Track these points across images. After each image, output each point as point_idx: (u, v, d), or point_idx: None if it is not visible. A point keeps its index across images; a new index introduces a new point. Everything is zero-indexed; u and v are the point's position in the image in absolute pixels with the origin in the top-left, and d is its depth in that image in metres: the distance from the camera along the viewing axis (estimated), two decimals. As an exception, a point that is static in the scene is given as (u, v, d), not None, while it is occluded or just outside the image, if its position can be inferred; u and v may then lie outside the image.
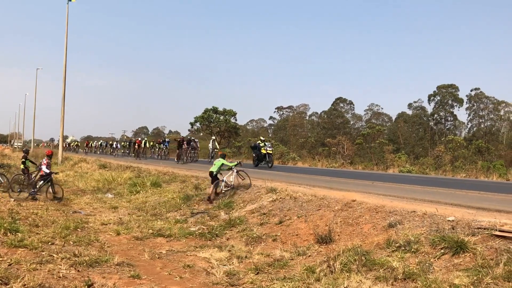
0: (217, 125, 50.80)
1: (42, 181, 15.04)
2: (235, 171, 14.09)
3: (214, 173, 13.78)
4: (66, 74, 34.11)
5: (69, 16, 33.91)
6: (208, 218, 11.41)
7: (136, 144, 34.83)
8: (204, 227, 10.44)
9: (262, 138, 24.45)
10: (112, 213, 12.95)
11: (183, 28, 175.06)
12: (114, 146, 46.37)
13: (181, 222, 11.29)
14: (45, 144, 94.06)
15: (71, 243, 8.47)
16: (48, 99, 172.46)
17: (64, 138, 56.49)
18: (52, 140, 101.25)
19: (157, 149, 35.20)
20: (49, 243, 8.27)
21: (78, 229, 10.02)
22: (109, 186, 19.64)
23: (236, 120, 52.93)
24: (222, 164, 14.13)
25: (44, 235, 8.95)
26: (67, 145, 68.99)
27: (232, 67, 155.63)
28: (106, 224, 10.96)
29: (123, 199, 16.19)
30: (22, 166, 17.03)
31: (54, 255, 7.15)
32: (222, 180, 13.92)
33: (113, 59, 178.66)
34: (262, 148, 22.70)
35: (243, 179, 13.98)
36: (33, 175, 16.67)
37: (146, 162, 28.91)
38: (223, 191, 13.72)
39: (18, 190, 15.35)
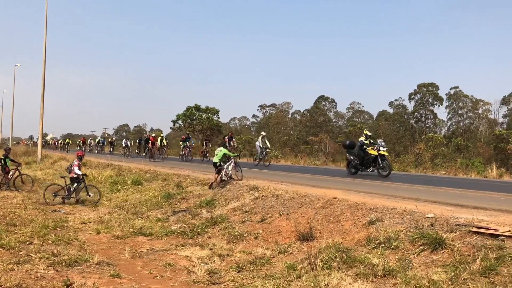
0: (200, 123, 50.61)
1: (75, 184, 14.55)
2: (233, 161, 14.35)
3: (218, 163, 14.24)
4: (46, 71, 33.60)
5: (48, 13, 33.30)
6: (189, 216, 11.36)
7: (150, 141, 28.92)
8: (185, 225, 10.39)
9: (367, 132, 16.56)
10: (92, 212, 12.79)
11: (163, 25, 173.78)
12: (124, 144, 36.39)
13: (162, 220, 11.21)
14: (25, 142, 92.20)
15: (50, 242, 8.34)
16: (27, 96, 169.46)
17: (44, 135, 55.61)
18: (31, 137, 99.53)
19: (182, 147, 28.77)
20: (27, 243, 8.14)
21: (57, 228, 9.87)
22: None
23: (218, 118, 52.85)
24: (224, 153, 14.45)
25: (22, 234, 8.81)
26: (55, 143, 64.13)
27: (215, 65, 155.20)
28: (86, 223, 10.82)
29: (103, 197, 15.99)
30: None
31: (32, 254, 7.04)
32: (231, 163, 14.29)
33: (94, 56, 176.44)
34: (370, 148, 15.54)
35: (237, 171, 14.35)
36: (10, 174, 16.44)
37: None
38: (223, 179, 13.94)
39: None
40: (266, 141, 22.45)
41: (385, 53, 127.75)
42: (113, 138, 49.10)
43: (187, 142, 28.39)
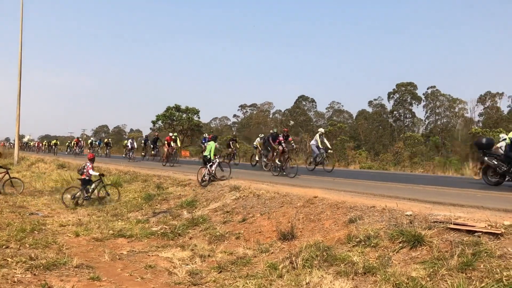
0: (180, 123, 50.33)
1: (93, 184, 14.49)
2: (217, 161, 14.31)
3: (209, 156, 14.28)
4: (22, 71, 32.95)
5: (24, 11, 32.71)
6: (170, 217, 11.29)
7: (166, 142, 23.84)
8: (166, 226, 10.32)
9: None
10: (71, 214, 12.60)
11: (141, 24, 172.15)
12: (129, 145, 30.63)
13: (142, 222, 11.11)
14: (3, 144, 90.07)
15: (27, 246, 8.18)
16: (2, 97, 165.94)
17: (21, 137, 54.37)
18: (7, 139, 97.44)
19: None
20: (3, 247, 7.95)
21: (35, 231, 9.68)
22: (68, 187, 19.10)
23: (199, 118, 52.64)
24: (213, 148, 14.51)
25: (-2, 238, 8.61)
26: (39, 145, 57.22)
27: (195, 64, 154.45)
28: (65, 226, 10.65)
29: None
30: None
31: (9, 259, 6.89)
32: (215, 163, 14.25)
33: (69, 55, 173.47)
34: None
35: (222, 170, 14.46)
36: None
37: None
38: (205, 178, 13.99)
39: None
40: (325, 140, 18.55)
41: (364, 53, 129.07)
42: (109, 139, 43.82)
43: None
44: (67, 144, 48.43)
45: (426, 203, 8.33)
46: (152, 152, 28.82)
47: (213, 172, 14.11)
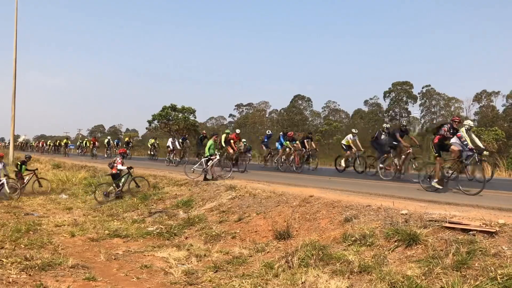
0: (176, 123, 50.22)
1: (123, 179, 14.81)
2: (216, 159, 14.45)
3: (207, 154, 14.43)
4: (17, 71, 32.83)
5: (19, 11, 32.57)
6: (166, 217, 11.28)
7: (232, 140, 18.82)
8: (162, 226, 10.31)
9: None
10: (67, 214, 12.58)
11: (138, 24, 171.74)
12: (171, 145, 24.83)
13: (138, 222, 11.10)
14: (3, 144, 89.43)
15: (23, 246, 8.16)
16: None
17: (16, 137, 54.06)
18: (2, 139, 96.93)
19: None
20: (-2, 247, 7.93)
21: (30, 232, 9.66)
22: (63, 187, 19.11)
23: (195, 117, 52.55)
24: (211, 144, 14.67)
25: (-8, 239, 8.58)
26: (43, 145, 51.55)
27: (191, 64, 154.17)
28: (60, 226, 10.62)
29: (78, 199, 15.78)
30: (15, 169, 18.14)
31: (4, 259, 6.85)
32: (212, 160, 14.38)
33: (65, 55, 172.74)
34: None
35: (222, 169, 14.73)
36: (26, 179, 17.42)
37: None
38: (193, 170, 14.53)
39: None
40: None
41: (360, 52, 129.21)
42: (130, 138, 39.25)
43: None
44: (78, 144, 42.14)
45: (421, 201, 8.36)
46: (197, 153, 22.82)
47: (207, 168, 14.22)
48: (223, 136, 19.49)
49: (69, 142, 42.90)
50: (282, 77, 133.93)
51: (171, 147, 24.85)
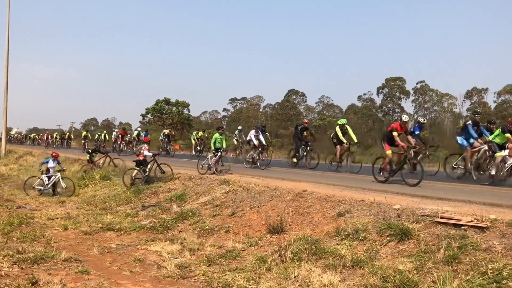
0: (170, 117, 50.09)
1: (149, 165, 15.22)
2: (218, 154, 14.50)
3: (213, 149, 14.64)
4: (9, 63, 32.53)
5: (11, 3, 32.24)
6: (159, 211, 11.27)
7: (306, 131, 17.55)
8: (155, 220, 10.30)
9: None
10: (60, 207, 12.53)
11: (130, 17, 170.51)
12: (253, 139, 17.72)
13: (131, 215, 11.09)
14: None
15: (15, 239, 8.11)
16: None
17: (8, 130, 53.48)
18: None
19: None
20: (-10, 241, 7.89)
21: (22, 225, 9.60)
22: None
23: (189, 111, 52.43)
24: (216, 138, 14.72)
25: (-16, 232, 8.53)
26: (47, 138, 44.72)
27: (184, 58, 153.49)
28: (53, 219, 10.59)
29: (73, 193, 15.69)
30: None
31: (-4, 252, 6.83)
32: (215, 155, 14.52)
33: (57, 48, 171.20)
34: None
35: (222, 165, 14.58)
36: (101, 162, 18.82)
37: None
38: (201, 166, 14.60)
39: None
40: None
41: (354, 47, 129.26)
42: (171, 130, 33.21)
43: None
44: (96, 137, 34.69)
45: (414, 197, 8.43)
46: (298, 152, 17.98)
47: (210, 164, 14.36)
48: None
49: (89, 135, 35.95)
50: (276, 72, 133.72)
51: (254, 142, 17.61)
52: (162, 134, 28.64)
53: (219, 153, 14.61)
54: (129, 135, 29.47)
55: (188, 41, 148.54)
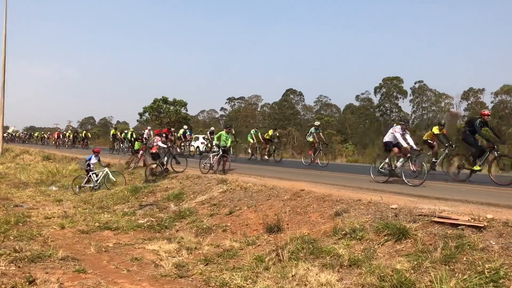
0: (167, 116, 50.02)
1: (165, 158, 15.48)
2: (220, 153, 14.48)
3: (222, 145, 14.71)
4: (6, 62, 32.42)
5: (8, 1, 32.11)
6: (157, 210, 11.26)
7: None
8: (153, 219, 10.29)
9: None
10: (57, 206, 12.49)
11: (127, 15, 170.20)
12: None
13: (129, 214, 11.07)
14: None
15: (12, 238, 8.08)
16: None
17: (5, 128, 53.19)
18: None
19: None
20: (-13, 240, 7.86)
21: (19, 224, 9.57)
22: (53, 179, 18.98)
23: (186, 110, 52.39)
24: (221, 135, 14.83)
25: (-19, 231, 8.49)
26: (58, 137, 40.26)
27: (181, 56, 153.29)
28: (50, 218, 10.55)
29: (68, 191, 15.67)
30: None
31: (-8, 251, 6.81)
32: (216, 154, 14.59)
33: (54, 46, 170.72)
34: None
35: (224, 164, 14.53)
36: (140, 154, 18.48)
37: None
38: (203, 165, 14.69)
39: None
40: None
41: (352, 47, 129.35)
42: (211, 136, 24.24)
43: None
44: (112, 133, 30.78)
45: (412, 196, 8.43)
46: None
47: (212, 162, 14.47)
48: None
49: (118, 133, 30.68)
50: (274, 71, 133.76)
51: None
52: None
53: (222, 152, 14.48)
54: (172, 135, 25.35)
55: (186, 41, 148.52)
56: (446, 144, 13.29)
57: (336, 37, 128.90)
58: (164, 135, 21.51)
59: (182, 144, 25.58)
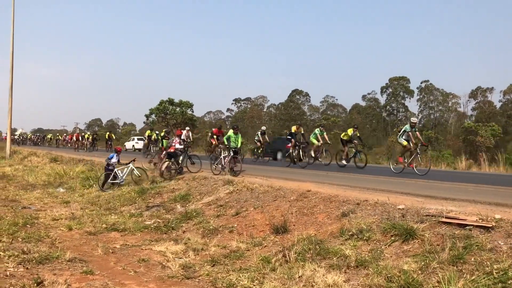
0: (173, 117, 50.14)
1: (180, 157, 15.78)
2: (231, 154, 14.43)
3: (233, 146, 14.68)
4: (14, 64, 32.65)
5: (16, 3, 32.32)
6: (164, 211, 11.28)
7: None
8: (159, 220, 10.31)
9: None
10: (64, 208, 12.55)
11: (134, 17, 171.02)
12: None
13: (136, 216, 11.10)
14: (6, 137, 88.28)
15: (20, 240, 8.14)
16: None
17: (13, 131, 53.53)
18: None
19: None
20: (-5, 241, 7.91)
21: (27, 225, 9.64)
22: (60, 180, 19.05)
23: (193, 111, 52.50)
24: (230, 136, 14.82)
25: (-11, 232, 8.55)
26: (77, 138, 37.51)
27: (188, 58, 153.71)
28: (58, 220, 10.61)
29: (75, 193, 15.74)
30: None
31: (1, 252, 6.85)
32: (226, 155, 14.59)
33: (62, 48, 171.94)
34: None
35: (234, 165, 14.45)
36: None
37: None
38: (214, 167, 14.67)
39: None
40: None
41: (358, 47, 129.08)
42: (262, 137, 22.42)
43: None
44: (148, 135, 27.57)
45: (418, 196, 8.39)
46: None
47: (224, 163, 14.42)
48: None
49: (155, 134, 26.38)
50: (280, 72, 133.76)
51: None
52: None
53: (233, 153, 14.43)
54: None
55: (192, 42, 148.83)
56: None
57: (342, 37, 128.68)
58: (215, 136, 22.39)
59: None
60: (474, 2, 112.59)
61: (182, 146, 16.05)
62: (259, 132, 22.35)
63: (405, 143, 14.33)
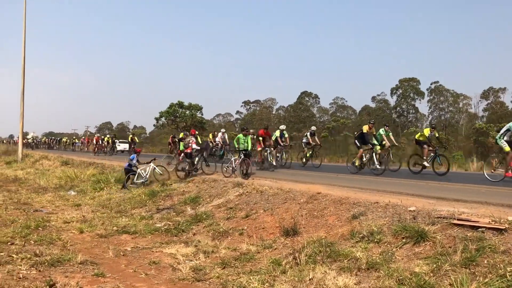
0: (183, 120, 50.36)
1: (196, 158, 16.04)
2: (242, 157, 14.45)
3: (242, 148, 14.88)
4: (25, 68, 33.02)
5: (27, 8, 32.72)
6: (174, 213, 11.32)
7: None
8: (170, 223, 10.35)
9: None
10: (75, 210, 12.65)
11: (142, 21, 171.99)
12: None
13: (146, 218, 11.15)
14: (8, 141, 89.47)
15: (32, 242, 8.21)
16: (6, 95, 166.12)
17: (24, 134, 53.99)
18: (11, 136, 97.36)
19: None
20: (8, 243, 7.98)
21: (39, 228, 9.72)
22: (71, 183, 19.21)
23: (202, 114, 52.69)
24: (239, 138, 15.05)
25: (3, 235, 8.62)
26: (98, 141, 35.70)
27: (198, 61, 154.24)
28: (69, 222, 10.69)
29: (86, 196, 15.85)
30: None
31: (14, 255, 6.91)
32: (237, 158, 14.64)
33: (72, 52, 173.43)
34: None
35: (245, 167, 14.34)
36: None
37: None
38: (225, 169, 14.60)
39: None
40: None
41: (368, 48, 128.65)
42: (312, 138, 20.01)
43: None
44: (178, 138, 22.34)
45: (430, 198, 8.32)
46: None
47: (234, 166, 14.45)
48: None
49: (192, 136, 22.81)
50: (289, 74, 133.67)
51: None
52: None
53: (243, 155, 14.44)
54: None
55: (203, 46, 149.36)
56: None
57: (351, 38, 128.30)
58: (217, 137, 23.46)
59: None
60: (485, 0, 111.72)
61: (198, 148, 16.25)
62: (308, 133, 19.74)
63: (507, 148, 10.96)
